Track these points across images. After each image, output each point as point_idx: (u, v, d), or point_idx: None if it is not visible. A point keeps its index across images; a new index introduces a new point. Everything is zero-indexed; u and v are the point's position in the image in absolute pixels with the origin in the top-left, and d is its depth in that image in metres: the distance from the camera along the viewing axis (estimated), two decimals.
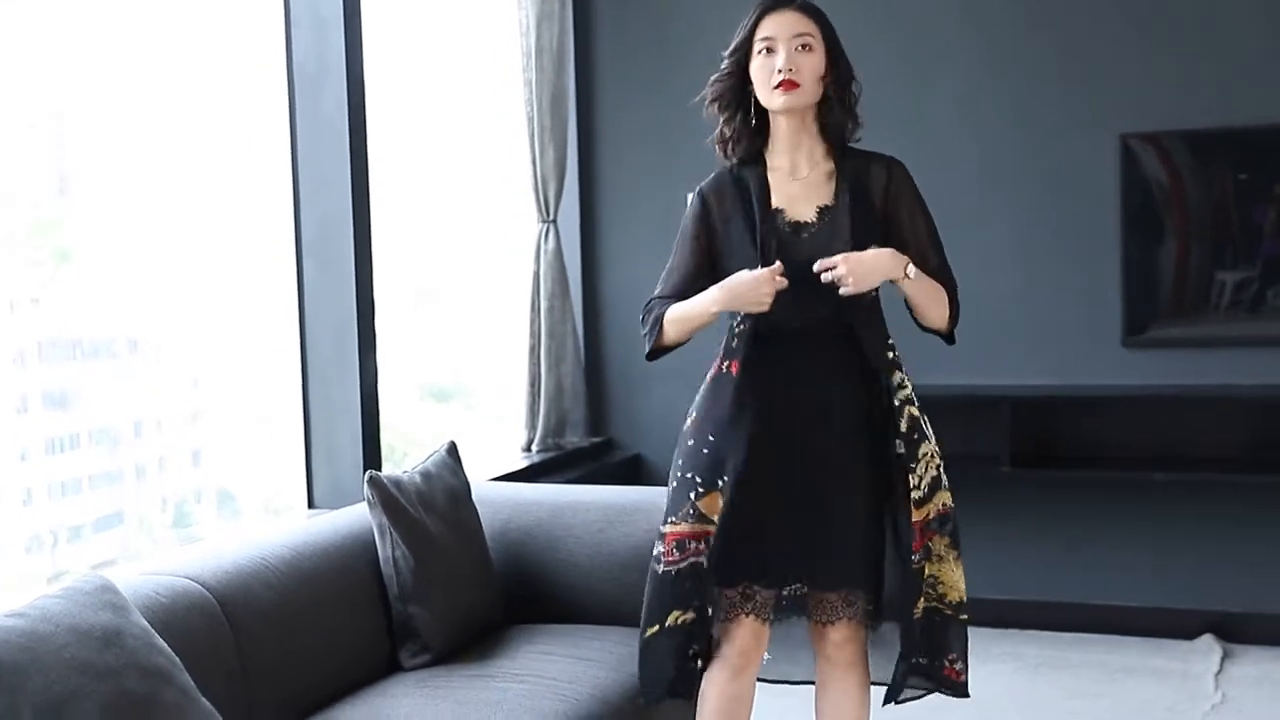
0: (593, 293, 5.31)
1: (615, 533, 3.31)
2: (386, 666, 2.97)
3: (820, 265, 2.62)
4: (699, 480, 2.69)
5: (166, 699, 2.12)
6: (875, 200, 2.75)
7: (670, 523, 2.71)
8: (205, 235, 4.02)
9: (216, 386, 4.13)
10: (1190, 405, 4.61)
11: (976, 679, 2.85)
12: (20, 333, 3.56)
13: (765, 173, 2.78)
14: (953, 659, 2.76)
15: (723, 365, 2.76)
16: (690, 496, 2.69)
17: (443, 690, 2.77)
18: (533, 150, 4.84)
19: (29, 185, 3.67)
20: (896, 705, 2.81)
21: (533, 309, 4.89)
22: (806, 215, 2.74)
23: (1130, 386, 4.65)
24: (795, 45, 2.69)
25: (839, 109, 2.76)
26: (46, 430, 3.61)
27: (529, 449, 4.93)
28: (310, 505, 3.98)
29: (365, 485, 3.02)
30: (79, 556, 3.63)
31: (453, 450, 3.34)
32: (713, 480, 2.68)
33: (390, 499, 3.02)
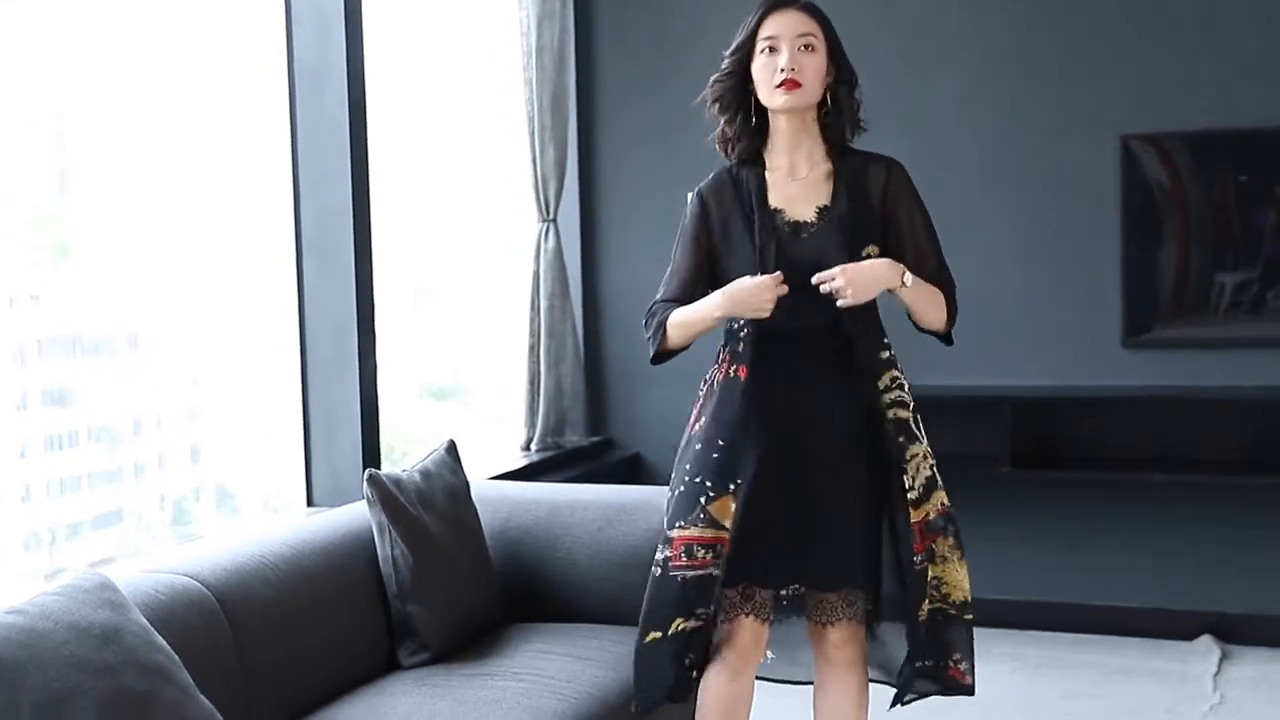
0: (592, 292, 5.31)
1: (614, 532, 3.31)
2: (385, 665, 2.97)
3: (819, 278, 2.62)
4: (709, 484, 2.67)
5: (165, 696, 2.12)
6: (874, 201, 2.75)
7: (679, 527, 2.67)
8: (205, 233, 4.02)
9: (216, 384, 4.13)
10: (1190, 406, 4.61)
11: (975, 679, 2.84)
12: (20, 329, 3.56)
13: (764, 173, 2.77)
14: (957, 659, 2.75)
15: (730, 369, 2.73)
16: (701, 501, 2.66)
17: (441, 689, 2.77)
18: (533, 149, 4.83)
19: (29, 181, 3.66)
20: (902, 706, 2.81)
21: (532, 308, 4.89)
22: (806, 215, 2.74)
23: (1130, 387, 4.65)
24: (798, 45, 2.69)
25: (841, 110, 2.76)
26: (46, 427, 3.60)
27: (528, 448, 4.93)
28: (309, 503, 3.98)
29: (365, 483, 3.02)
30: (78, 554, 3.63)
31: (452, 449, 3.34)
32: (723, 484, 2.66)
33: (390, 497, 3.01)
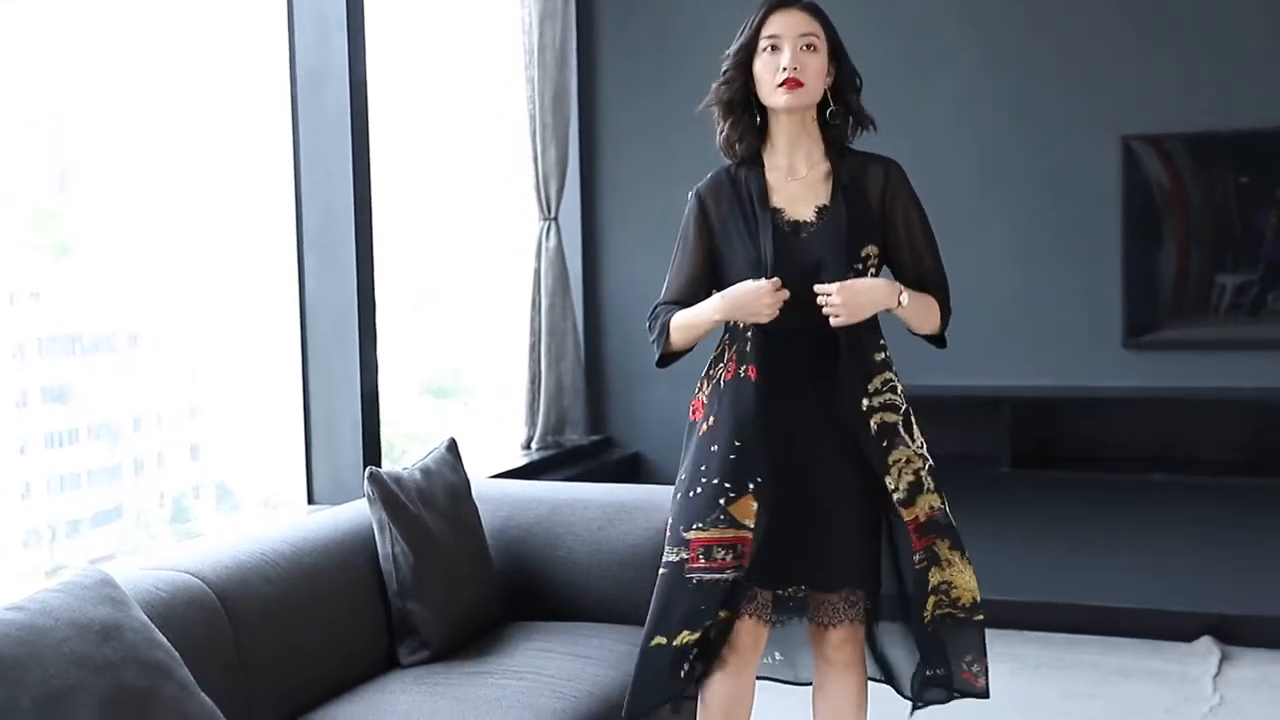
0: (593, 291, 5.31)
1: (614, 531, 3.32)
2: (385, 663, 2.97)
3: (819, 289, 2.64)
4: (729, 485, 2.65)
5: (165, 693, 2.12)
6: (873, 201, 2.75)
7: (696, 529, 2.66)
8: (206, 231, 4.02)
9: (216, 382, 4.13)
10: (1190, 407, 4.62)
11: (990, 681, 2.81)
12: (20, 327, 3.56)
13: (764, 173, 2.78)
14: (969, 662, 2.75)
15: (740, 369, 2.72)
16: (721, 502, 2.65)
17: (441, 687, 2.77)
18: (534, 148, 4.83)
19: (29, 179, 3.66)
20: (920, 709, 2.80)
21: (533, 307, 4.89)
22: (805, 215, 2.74)
23: (1130, 388, 4.65)
24: (800, 44, 2.70)
25: (844, 111, 2.76)
26: (45, 424, 3.60)
27: (528, 446, 4.93)
28: (310, 501, 3.98)
29: (365, 481, 3.02)
30: (77, 551, 3.63)
31: (453, 447, 3.34)
32: (742, 485, 2.65)
33: (390, 495, 3.01)
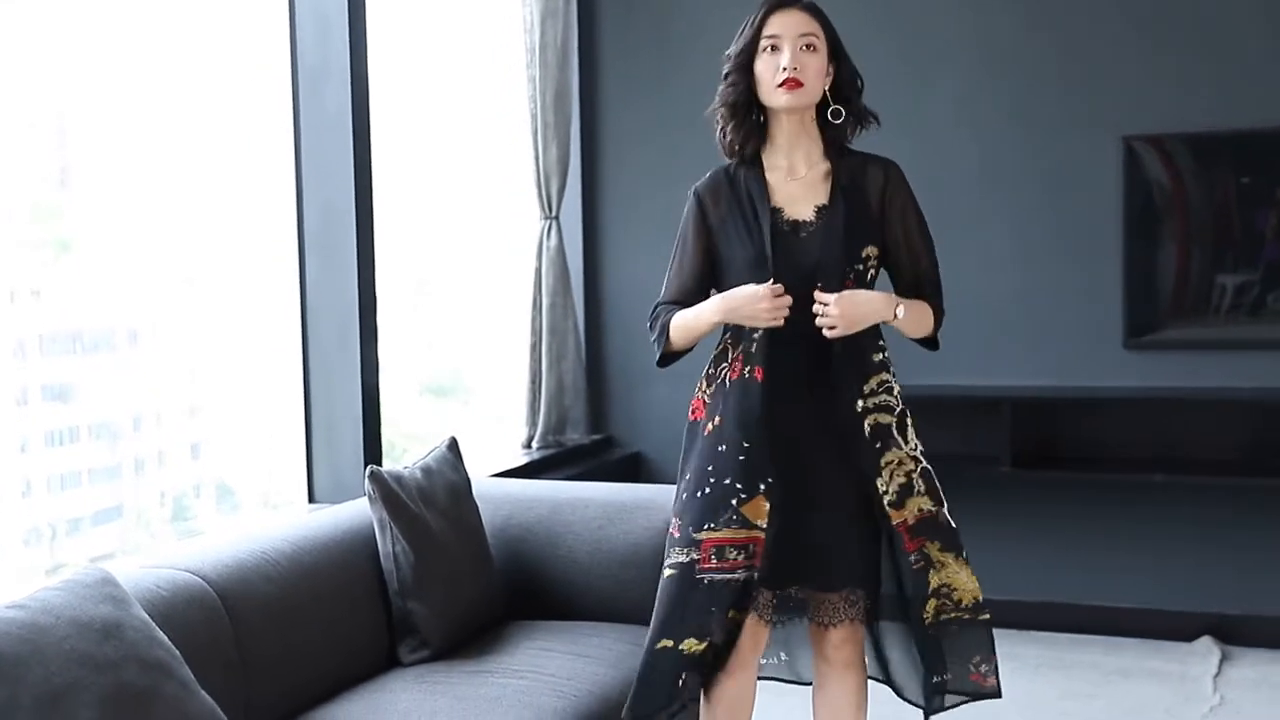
0: (594, 290, 5.31)
1: (615, 530, 3.32)
2: (385, 662, 2.97)
3: (818, 297, 2.65)
4: (740, 486, 2.66)
5: (166, 692, 2.13)
6: (872, 201, 2.76)
7: (708, 529, 2.66)
8: (206, 229, 4.02)
9: (216, 381, 4.13)
10: (1191, 407, 4.62)
11: (1000, 680, 2.78)
12: (20, 324, 3.56)
13: (763, 172, 2.78)
14: (977, 662, 2.74)
15: (745, 370, 2.71)
16: (733, 503, 2.65)
17: (441, 686, 2.77)
18: (535, 147, 4.83)
19: (30, 176, 3.66)
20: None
21: (534, 306, 4.89)
22: (804, 215, 2.74)
23: (1131, 388, 4.65)
24: (800, 44, 2.70)
25: (844, 110, 2.76)
26: (46, 422, 3.60)
27: (529, 446, 4.93)
28: (311, 499, 3.98)
29: (366, 480, 3.02)
30: (77, 550, 3.63)
31: (454, 446, 3.34)
32: (754, 485, 2.65)
33: (391, 494, 3.01)
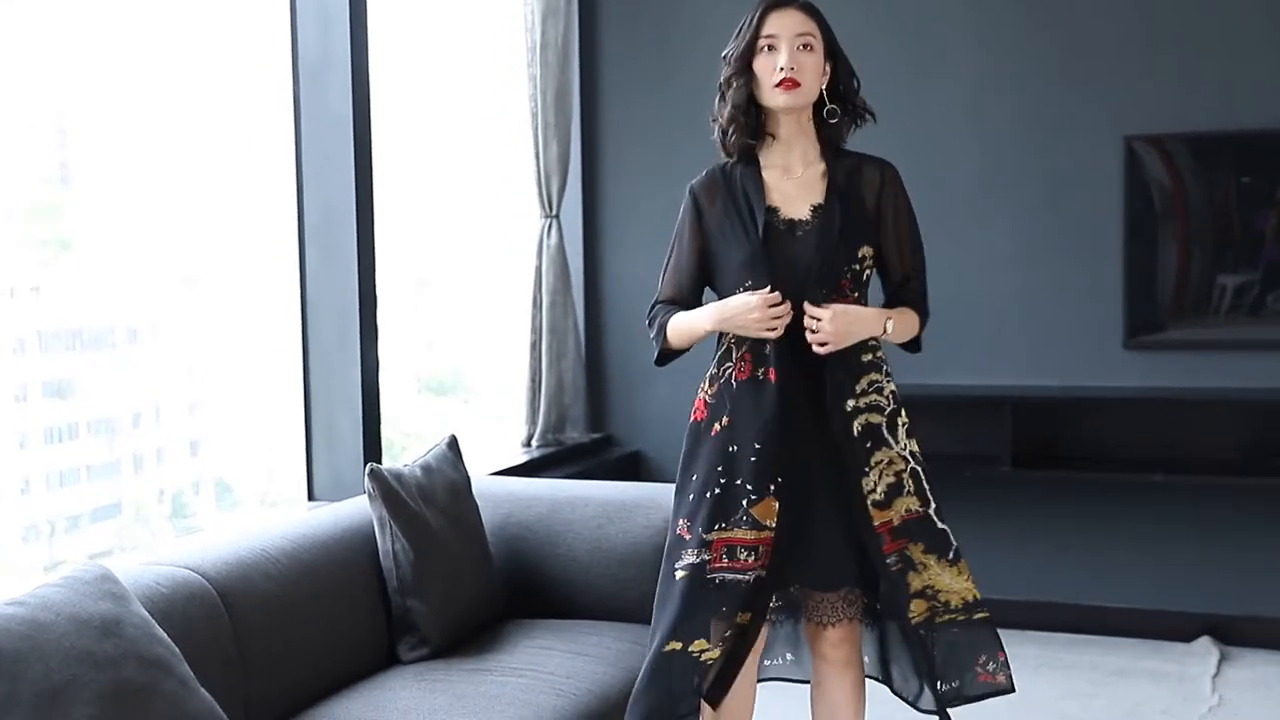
0: (594, 288, 5.30)
1: (614, 529, 3.32)
2: (385, 659, 2.98)
3: (810, 312, 2.65)
4: (750, 487, 2.65)
5: (165, 689, 2.13)
6: (868, 202, 2.77)
7: (718, 529, 2.65)
8: (207, 227, 4.02)
9: (216, 378, 4.13)
10: (1191, 408, 4.62)
11: (1012, 674, 2.77)
12: (20, 321, 3.55)
13: (759, 171, 2.78)
14: (984, 662, 2.74)
15: (756, 371, 2.70)
16: (744, 503, 2.65)
17: (441, 684, 2.77)
18: (536, 145, 4.83)
19: (30, 174, 3.66)
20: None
21: (534, 304, 4.88)
22: (800, 214, 2.74)
23: (1131, 388, 4.65)
24: (797, 44, 2.71)
25: (840, 109, 2.77)
26: (45, 419, 3.60)
27: (529, 444, 4.93)
28: (310, 497, 3.98)
29: (366, 478, 3.02)
30: (76, 547, 3.63)
31: (453, 444, 3.34)
32: (764, 487, 2.65)
33: (391, 492, 3.01)
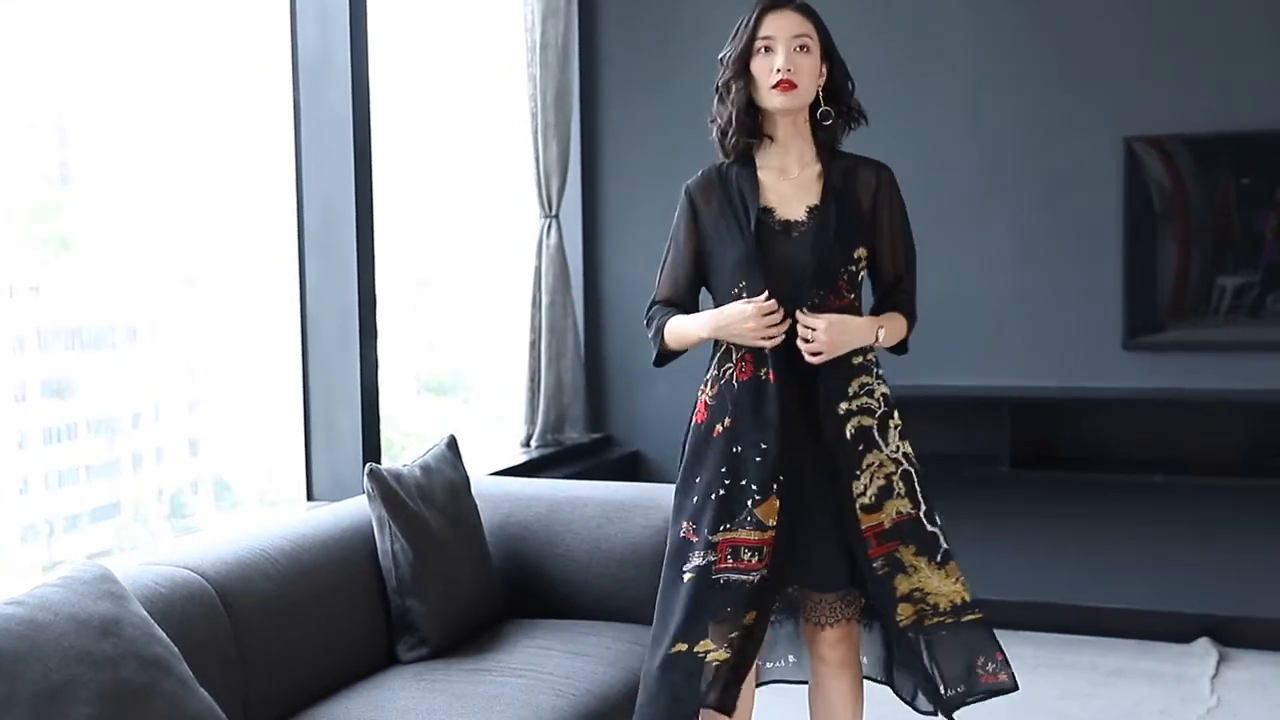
0: (594, 289, 5.30)
1: (613, 529, 3.32)
2: (384, 659, 2.98)
3: (804, 321, 2.65)
4: (755, 487, 2.65)
5: (164, 688, 2.12)
6: (863, 203, 2.77)
7: (724, 530, 2.65)
8: (206, 227, 4.02)
9: (215, 377, 4.12)
10: (1190, 408, 4.62)
11: (1013, 671, 2.77)
12: (20, 320, 3.55)
13: (755, 172, 2.79)
14: (983, 663, 2.74)
15: (758, 371, 2.70)
16: (749, 504, 2.65)
17: (440, 684, 2.77)
18: (536, 145, 4.83)
19: (30, 173, 3.66)
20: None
21: (534, 304, 4.88)
22: (796, 215, 2.75)
23: (1130, 389, 4.65)
24: (794, 46, 2.71)
25: (835, 111, 2.78)
26: (44, 419, 3.60)
27: (528, 444, 4.93)
28: (309, 497, 3.98)
29: (365, 478, 3.02)
30: (75, 546, 3.62)
31: (452, 444, 3.34)
32: (767, 487, 2.65)
33: (390, 492, 3.01)
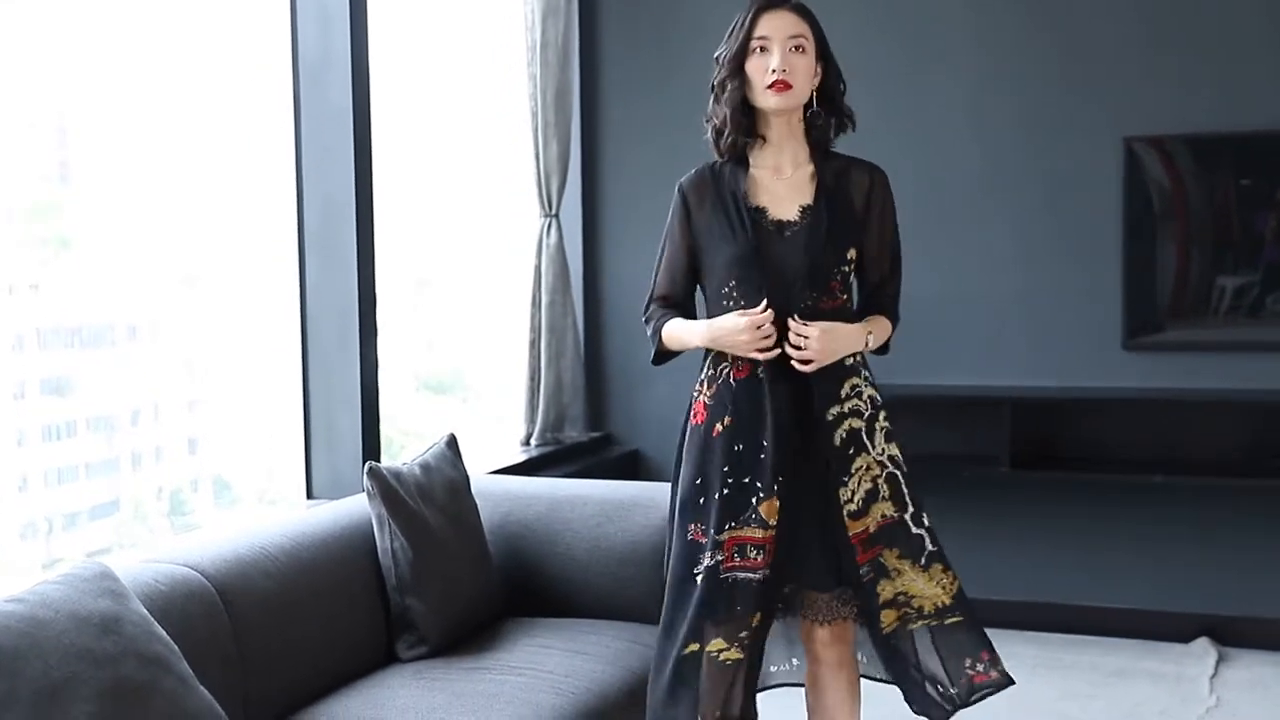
0: (594, 288, 5.30)
1: (613, 527, 3.32)
2: (384, 658, 2.97)
3: (797, 329, 2.65)
4: (759, 485, 2.66)
5: (164, 686, 2.12)
6: (856, 203, 2.78)
7: (729, 528, 2.66)
8: (206, 225, 4.01)
9: (215, 376, 4.12)
10: (1190, 408, 4.62)
11: (1004, 667, 2.79)
12: (19, 319, 3.55)
13: (749, 171, 2.79)
14: (970, 664, 2.75)
15: (755, 369, 2.71)
16: (753, 501, 2.66)
17: (439, 682, 2.77)
18: (536, 144, 4.83)
19: (30, 172, 3.66)
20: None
21: (533, 303, 4.88)
22: (789, 215, 2.75)
23: (1130, 389, 4.65)
24: (789, 46, 2.71)
25: (827, 111, 2.78)
26: (44, 417, 3.60)
27: (528, 443, 4.93)
28: (309, 495, 3.97)
29: (365, 476, 3.02)
30: (74, 544, 3.62)
31: (452, 443, 3.34)
32: (770, 485, 2.66)
33: (390, 490, 3.01)
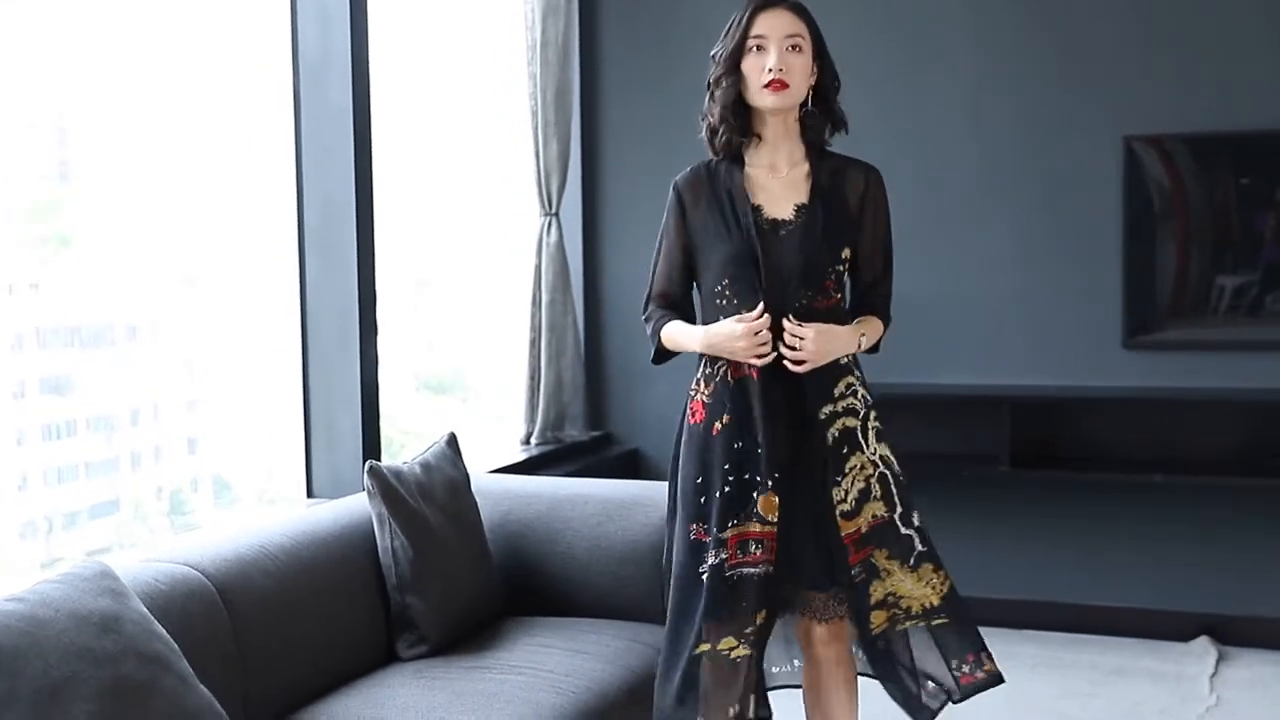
0: (594, 287, 5.30)
1: (613, 526, 3.32)
2: (384, 657, 2.97)
3: (792, 330, 2.66)
4: (759, 480, 2.67)
5: (164, 685, 2.12)
6: (851, 203, 2.79)
7: (733, 525, 2.67)
8: (206, 224, 4.01)
9: (215, 375, 4.12)
10: (1189, 408, 4.62)
11: (995, 665, 2.80)
12: (19, 318, 3.55)
13: (744, 170, 2.79)
14: (957, 665, 2.75)
15: (748, 368, 2.72)
16: (754, 496, 2.66)
17: (440, 681, 2.77)
18: (536, 143, 4.83)
19: (30, 171, 3.65)
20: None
21: (534, 302, 4.88)
22: (784, 213, 2.76)
23: (1130, 388, 4.65)
24: (786, 45, 2.71)
25: (822, 111, 2.78)
26: (43, 416, 3.60)
27: (528, 442, 4.93)
28: (309, 494, 3.98)
29: (365, 475, 3.02)
30: (74, 543, 3.63)
31: (452, 442, 3.34)
32: (769, 479, 2.67)
33: (390, 489, 3.01)
